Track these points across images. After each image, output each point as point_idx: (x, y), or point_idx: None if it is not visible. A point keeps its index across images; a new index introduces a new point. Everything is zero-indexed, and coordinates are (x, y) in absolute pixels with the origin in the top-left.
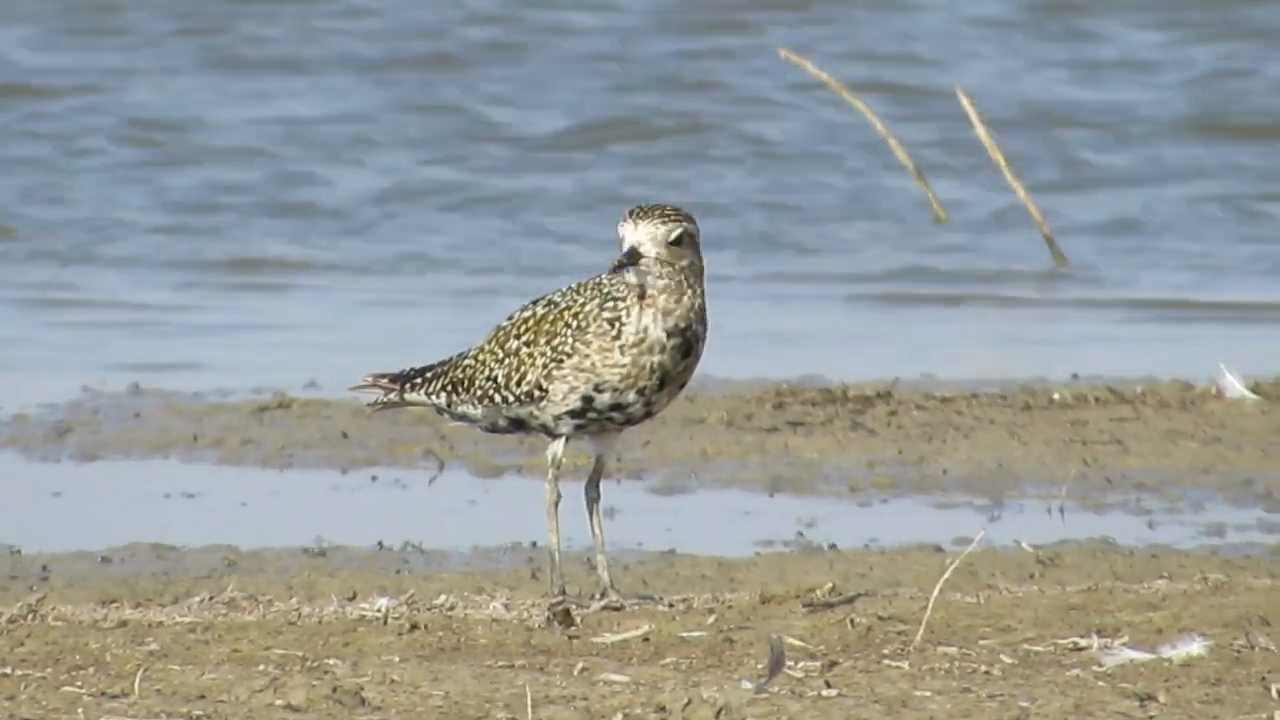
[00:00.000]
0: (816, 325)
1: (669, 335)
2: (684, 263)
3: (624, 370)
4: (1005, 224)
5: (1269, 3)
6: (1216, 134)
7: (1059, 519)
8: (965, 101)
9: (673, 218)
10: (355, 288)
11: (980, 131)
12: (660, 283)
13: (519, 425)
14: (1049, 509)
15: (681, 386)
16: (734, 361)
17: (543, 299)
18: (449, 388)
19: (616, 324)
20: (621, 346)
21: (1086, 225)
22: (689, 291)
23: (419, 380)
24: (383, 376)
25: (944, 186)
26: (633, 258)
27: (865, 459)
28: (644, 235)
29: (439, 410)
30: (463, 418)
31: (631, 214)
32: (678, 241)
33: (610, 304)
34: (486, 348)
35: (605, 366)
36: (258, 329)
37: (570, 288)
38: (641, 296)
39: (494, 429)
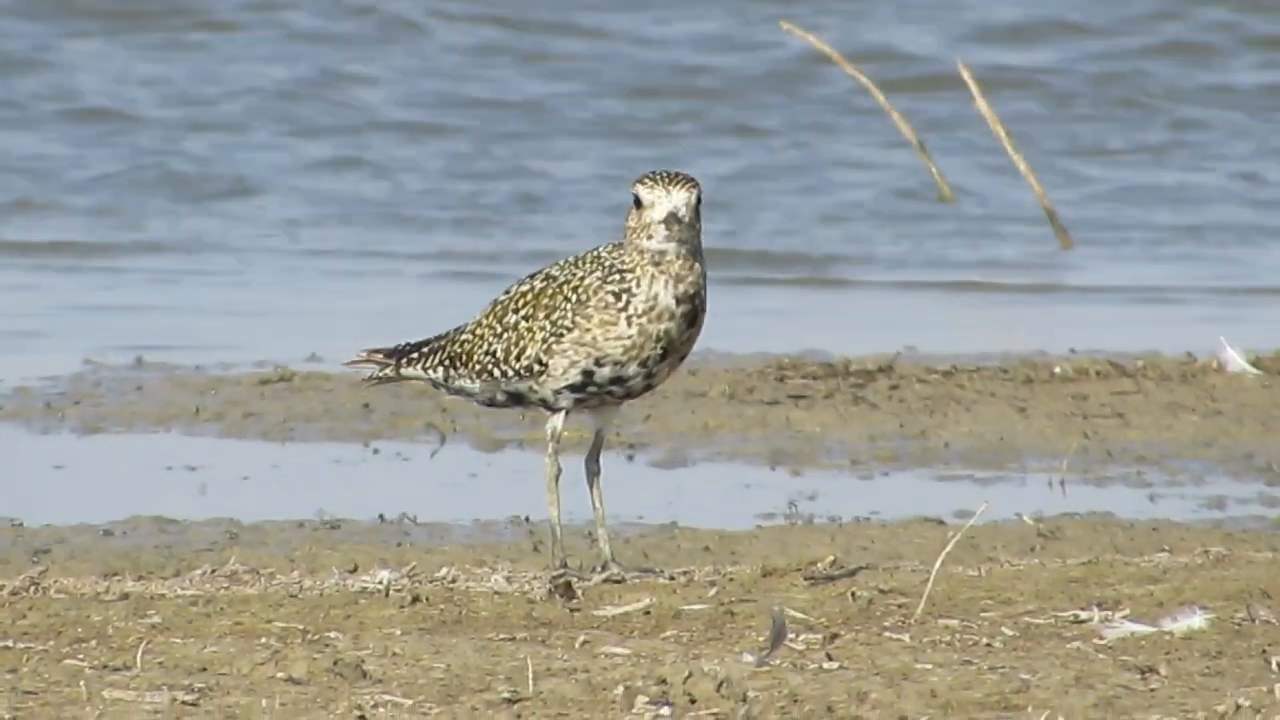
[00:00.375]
0: (816, 301)
1: (678, 302)
2: (700, 227)
3: (629, 341)
4: (1008, 199)
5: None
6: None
7: (1060, 492)
8: (966, 75)
9: (695, 182)
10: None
11: (982, 106)
12: (684, 249)
13: (518, 400)
14: (1050, 482)
15: (682, 359)
16: (735, 335)
17: (540, 273)
18: (447, 362)
19: (624, 295)
20: (629, 317)
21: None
22: (698, 259)
23: (415, 355)
24: (377, 351)
25: (945, 163)
26: (677, 223)
27: (867, 432)
28: (679, 201)
29: (436, 385)
30: (460, 392)
31: (661, 180)
32: (698, 206)
33: (616, 277)
34: (484, 322)
35: (607, 340)
36: (260, 302)
37: (569, 261)
38: (658, 264)
39: (492, 403)
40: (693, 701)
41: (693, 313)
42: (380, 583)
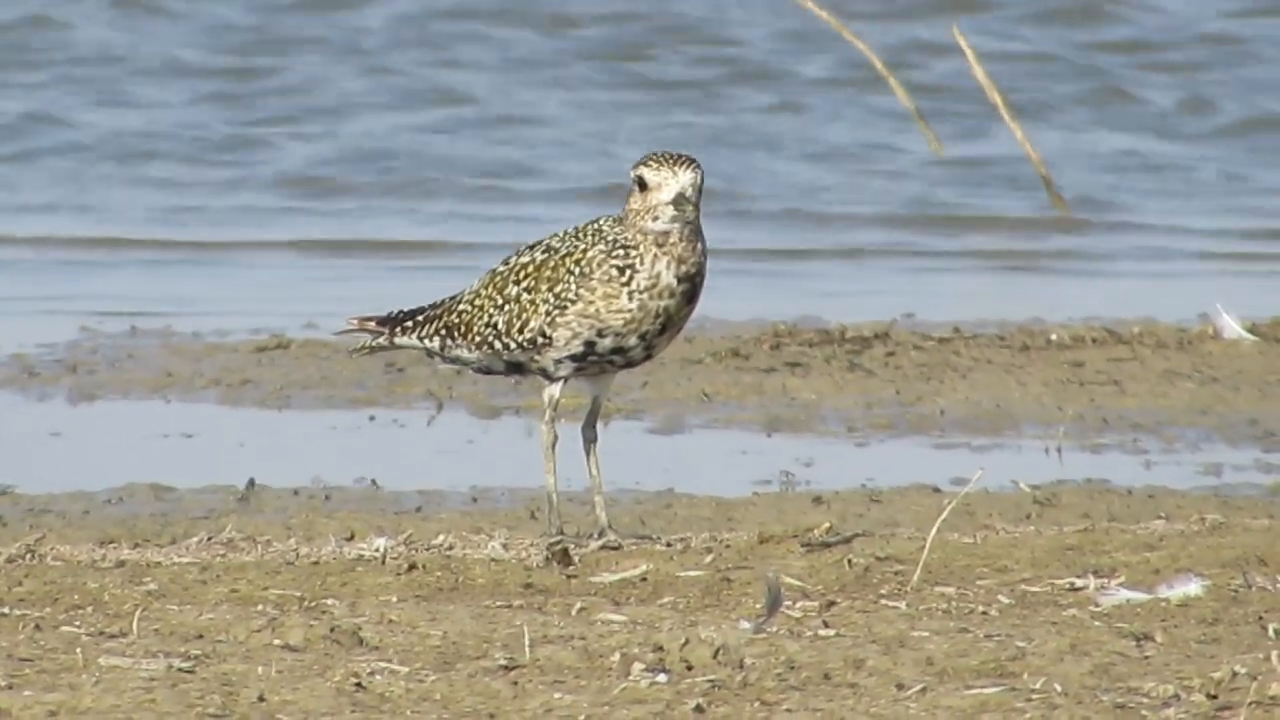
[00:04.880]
0: (814, 266)
1: (679, 281)
2: (700, 207)
3: (629, 315)
4: (1003, 165)
5: None
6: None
7: (1056, 459)
8: (963, 42)
9: (698, 163)
10: None
11: (978, 73)
12: (687, 229)
13: (516, 369)
14: (1046, 449)
15: (679, 331)
16: (732, 302)
17: (540, 244)
18: (444, 332)
19: (628, 270)
20: (631, 292)
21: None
22: (700, 238)
23: (410, 324)
24: (369, 319)
25: (945, 129)
26: (685, 204)
27: (863, 399)
28: (686, 182)
29: (430, 354)
30: (456, 361)
31: (667, 162)
32: (701, 185)
33: (620, 252)
34: (484, 293)
35: (610, 312)
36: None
37: (569, 232)
38: (661, 244)
39: (489, 372)
40: (689, 668)
41: (692, 291)
42: (377, 550)
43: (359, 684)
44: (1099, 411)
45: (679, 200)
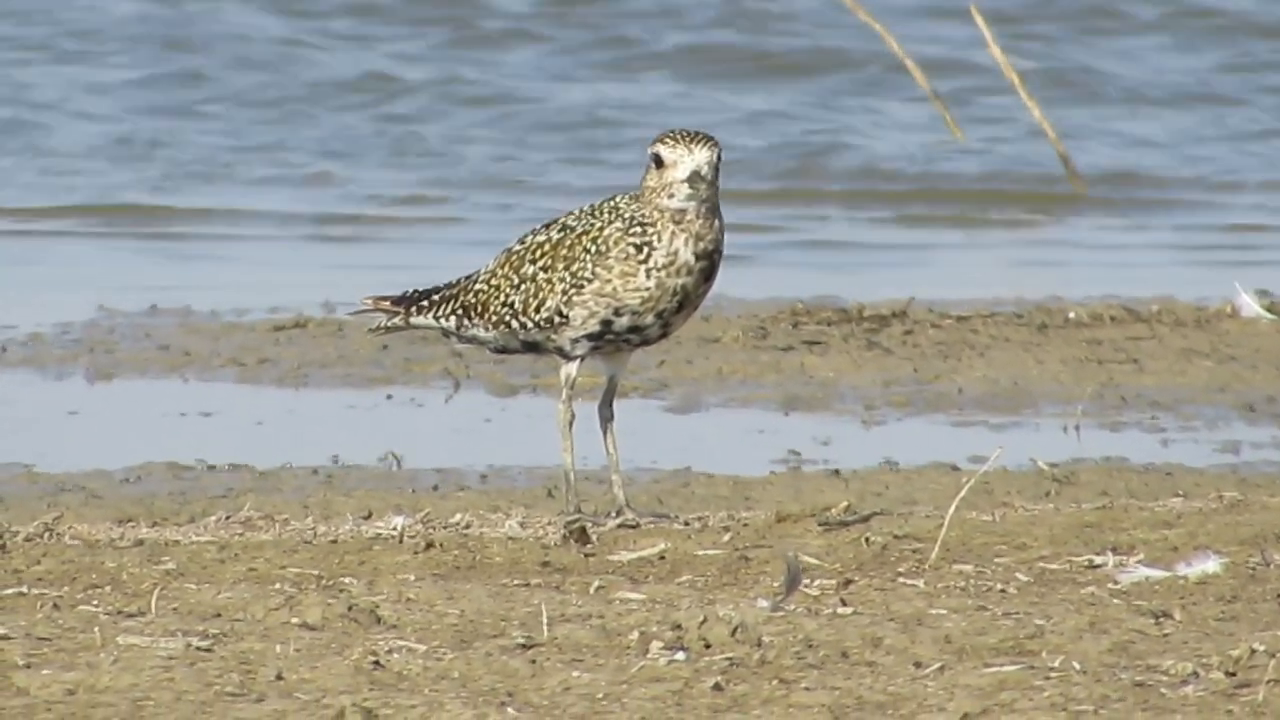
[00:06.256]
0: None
1: (697, 258)
2: (718, 185)
3: (646, 293)
4: (1022, 144)
5: None
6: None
7: (1074, 437)
8: (980, 20)
9: (715, 141)
10: None
11: (995, 51)
12: (704, 207)
13: (533, 348)
14: (1064, 427)
15: (695, 309)
16: (750, 281)
17: (555, 222)
18: (460, 312)
19: (646, 248)
20: (649, 270)
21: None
22: (717, 216)
23: (425, 304)
24: (384, 299)
25: (963, 110)
26: (700, 182)
27: (881, 378)
28: (702, 160)
29: (446, 334)
30: (472, 340)
31: (684, 139)
32: (719, 164)
33: (638, 229)
34: (500, 272)
35: (627, 291)
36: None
37: (584, 210)
38: (678, 221)
39: (505, 351)
40: (707, 646)
41: (710, 268)
42: (394, 528)
43: (377, 662)
44: (1117, 390)
45: (694, 178)
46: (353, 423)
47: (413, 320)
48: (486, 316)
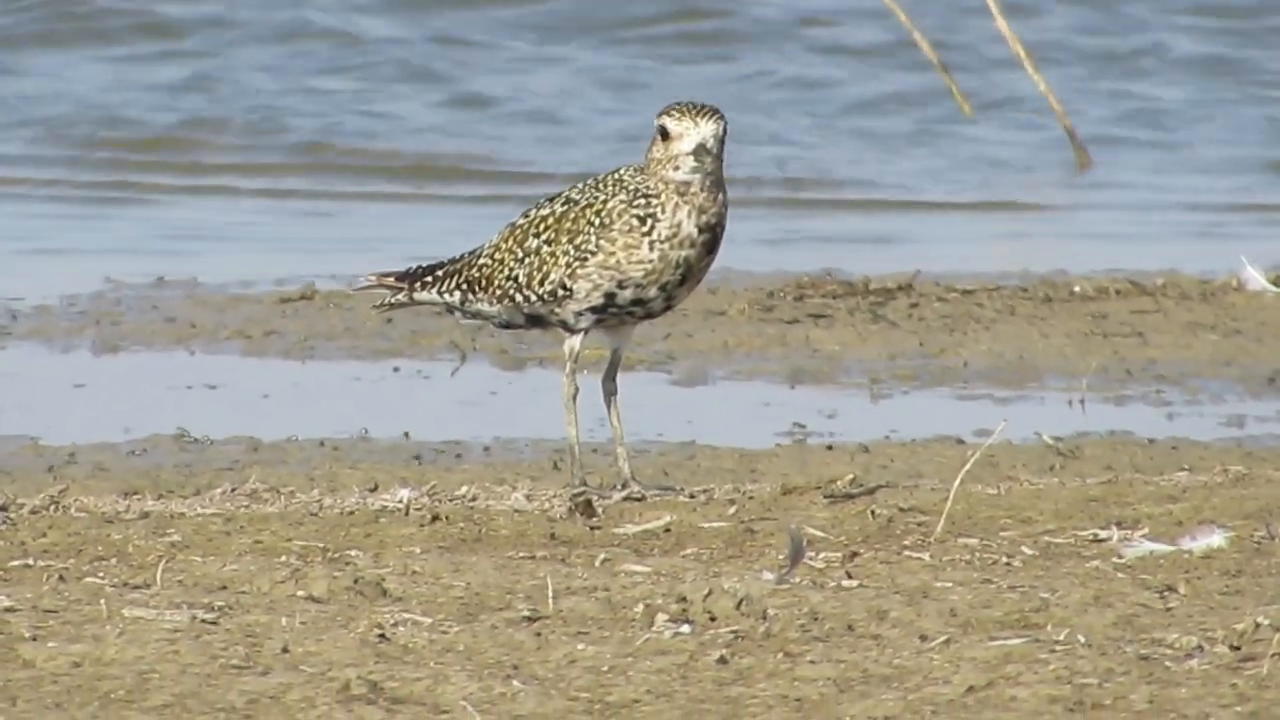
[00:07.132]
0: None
1: (700, 231)
2: (723, 159)
3: (650, 266)
4: (1028, 117)
5: None
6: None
7: (1079, 411)
8: None
9: (721, 114)
10: None
11: (1001, 25)
12: (709, 180)
13: (537, 322)
14: (1069, 401)
15: (698, 282)
16: (755, 254)
17: (559, 196)
18: (464, 287)
19: (649, 220)
20: (652, 242)
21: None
22: (721, 189)
23: (430, 279)
24: (388, 275)
25: (968, 80)
26: (706, 154)
27: (886, 351)
28: (708, 132)
29: (451, 309)
30: (477, 315)
31: (689, 111)
32: (724, 137)
33: (641, 201)
34: (504, 246)
35: (630, 263)
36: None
37: (589, 183)
38: (682, 194)
39: (509, 326)
40: (713, 619)
41: (713, 241)
42: (400, 501)
43: (382, 635)
44: (1122, 363)
45: (699, 151)
46: (359, 395)
47: (416, 296)
48: (491, 291)
